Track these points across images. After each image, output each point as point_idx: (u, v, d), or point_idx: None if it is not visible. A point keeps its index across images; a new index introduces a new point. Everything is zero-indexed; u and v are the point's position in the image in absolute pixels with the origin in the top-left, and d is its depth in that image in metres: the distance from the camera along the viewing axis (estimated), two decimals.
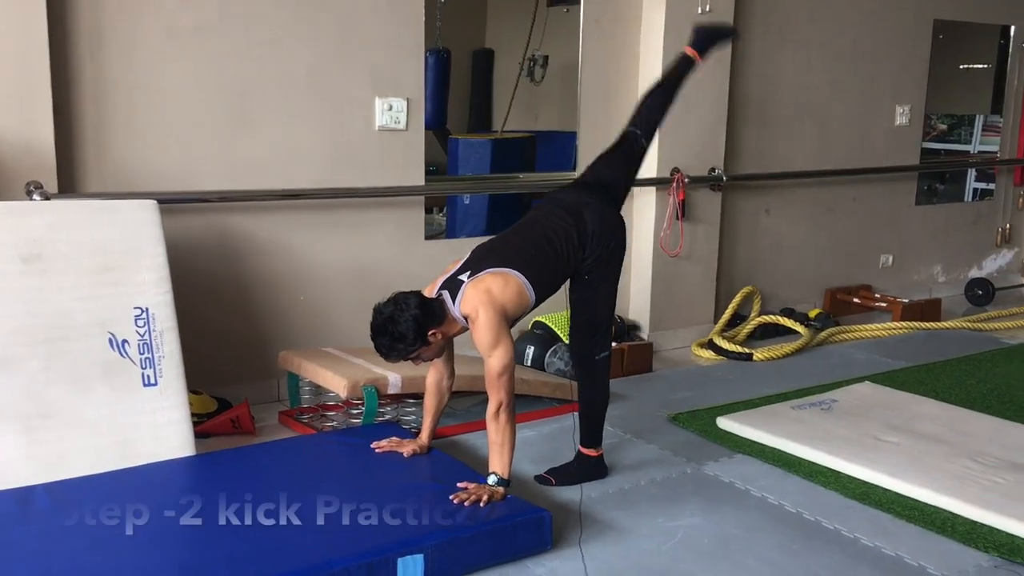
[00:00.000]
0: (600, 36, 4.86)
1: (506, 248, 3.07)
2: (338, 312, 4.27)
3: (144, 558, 2.48)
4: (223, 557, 2.49)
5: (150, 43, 3.72)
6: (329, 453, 3.35)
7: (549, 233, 3.07)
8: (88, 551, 2.51)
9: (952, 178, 6.98)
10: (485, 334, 2.86)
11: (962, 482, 3.25)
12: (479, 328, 2.87)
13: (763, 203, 5.63)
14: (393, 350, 2.88)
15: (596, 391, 3.29)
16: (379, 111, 4.22)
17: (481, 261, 3.01)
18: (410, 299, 2.87)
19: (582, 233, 3.08)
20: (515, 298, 2.94)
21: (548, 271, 3.05)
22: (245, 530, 2.61)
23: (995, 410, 4.13)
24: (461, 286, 2.94)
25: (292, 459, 3.26)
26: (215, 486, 2.90)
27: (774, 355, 4.96)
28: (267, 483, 2.92)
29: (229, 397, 3.93)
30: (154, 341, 3.24)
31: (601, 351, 3.23)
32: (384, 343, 2.87)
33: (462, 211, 5.11)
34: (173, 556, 2.54)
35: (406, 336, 2.84)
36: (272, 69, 3.96)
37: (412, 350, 2.88)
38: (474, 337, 2.90)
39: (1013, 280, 7.04)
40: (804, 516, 3.10)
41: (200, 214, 3.90)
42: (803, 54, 5.62)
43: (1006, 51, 6.77)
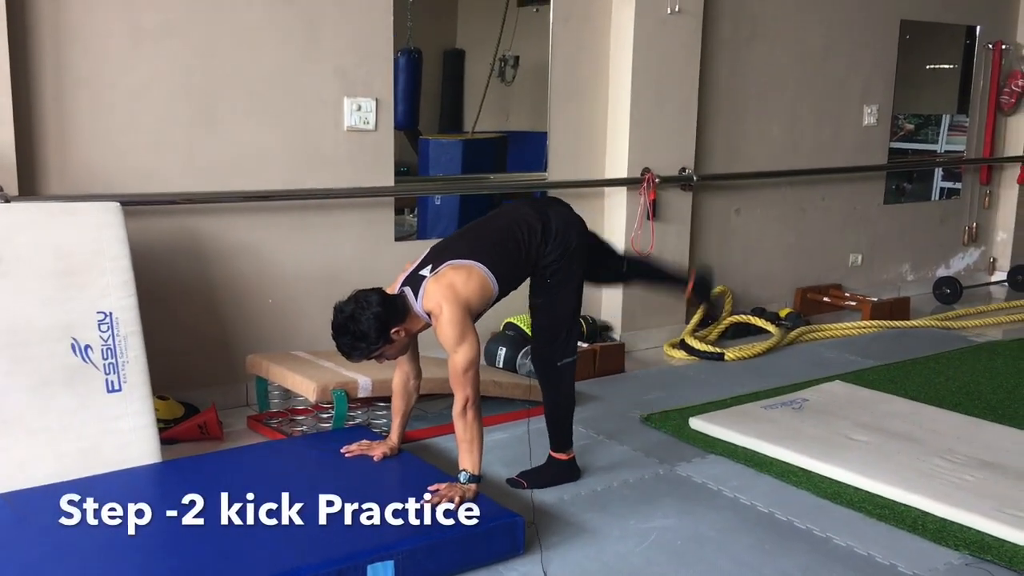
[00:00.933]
0: (569, 36, 4.84)
1: (466, 241, 3.04)
2: (307, 315, 4.22)
3: (105, 567, 2.44)
4: (188, 564, 2.44)
5: (114, 42, 3.65)
6: (298, 458, 3.30)
7: (511, 224, 3.05)
8: (48, 561, 2.46)
9: (919, 177, 7.04)
10: (449, 330, 2.82)
11: (932, 480, 3.27)
12: (443, 324, 2.83)
13: (733, 203, 5.65)
14: (355, 349, 2.83)
15: (559, 397, 3.27)
16: (348, 111, 4.18)
17: (442, 254, 2.98)
18: (371, 296, 2.83)
19: (546, 227, 3.06)
20: (478, 291, 2.91)
21: (511, 262, 3.02)
22: (212, 535, 2.57)
23: (964, 408, 4.16)
24: (423, 282, 2.90)
25: (260, 465, 3.21)
26: (181, 493, 2.84)
27: (746, 354, 4.97)
28: (235, 489, 2.86)
29: (196, 402, 3.87)
30: (118, 346, 3.18)
31: (563, 357, 3.20)
32: (346, 342, 2.82)
33: (433, 212, 5.08)
34: (136, 564, 2.49)
35: (368, 335, 2.79)
36: (239, 69, 3.91)
37: (375, 349, 2.84)
38: (438, 333, 2.86)
39: (980, 279, 7.12)
40: (776, 516, 3.10)
41: (166, 216, 3.84)
42: (772, 54, 5.64)
43: (972, 51, 6.85)
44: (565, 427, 3.30)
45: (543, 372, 3.23)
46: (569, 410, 3.30)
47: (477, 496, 2.79)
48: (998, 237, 7.22)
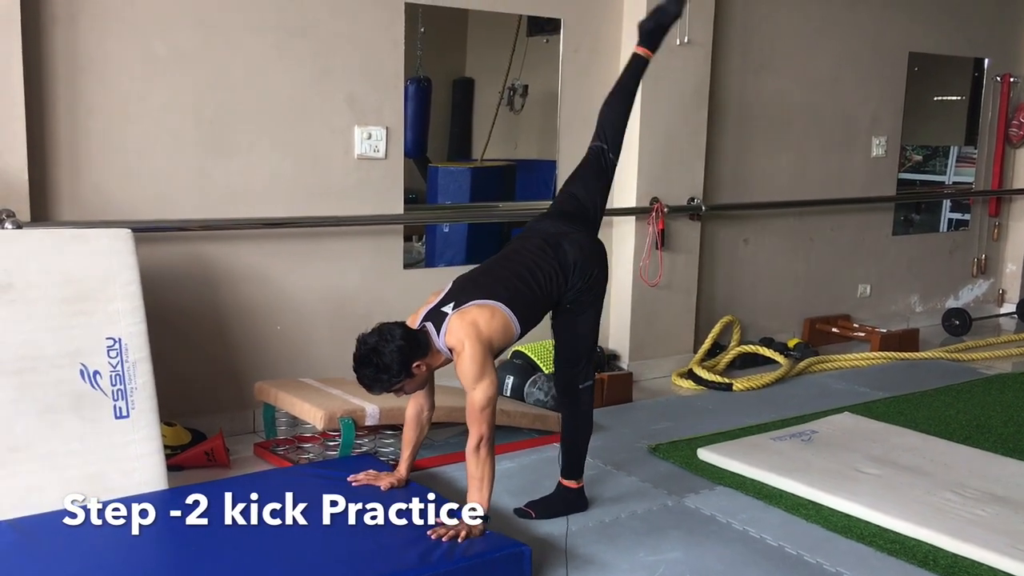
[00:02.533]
0: (579, 66, 4.88)
1: (490, 280, 3.03)
2: (315, 342, 4.22)
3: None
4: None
5: (127, 69, 3.68)
6: (304, 486, 3.28)
7: (532, 266, 3.05)
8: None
9: (927, 208, 7.04)
10: (470, 367, 2.82)
11: (943, 515, 3.24)
12: (464, 361, 2.83)
13: (742, 233, 5.65)
14: (377, 381, 2.83)
15: (579, 419, 3.26)
16: (358, 139, 4.20)
17: (465, 292, 2.97)
18: (395, 330, 2.83)
19: (564, 265, 3.07)
20: (500, 331, 2.92)
21: (532, 304, 3.03)
22: (215, 566, 2.55)
23: (974, 441, 4.13)
24: (445, 318, 2.90)
25: (269, 493, 3.18)
26: (187, 521, 2.83)
27: (754, 385, 4.95)
28: (243, 517, 2.85)
29: (203, 429, 3.86)
30: (127, 372, 3.18)
31: (584, 380, 3.21)
32: (368, 374, 2.82)
33: (441, 240, 5.08)
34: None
35: (390, 367, 2.79)
36: (251, 96, 3.94)
37: (396, 382, 2.84)
38: (458, 370, 2.87)
39: (990, 310, 7.09)
40: (786, 550, 3.07)
41: (176, 243, 3.85)
42: (781, 85, 5.66)
43: (979, 83, 6.87)
44: (581, 453, 3.29)
45: (566, 394, 3.23)
46: (587, 435, 3.29)
47: (483, 535, 2.77)
48: (1007, 269, 7.20)
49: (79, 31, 3.57)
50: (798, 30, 5.67)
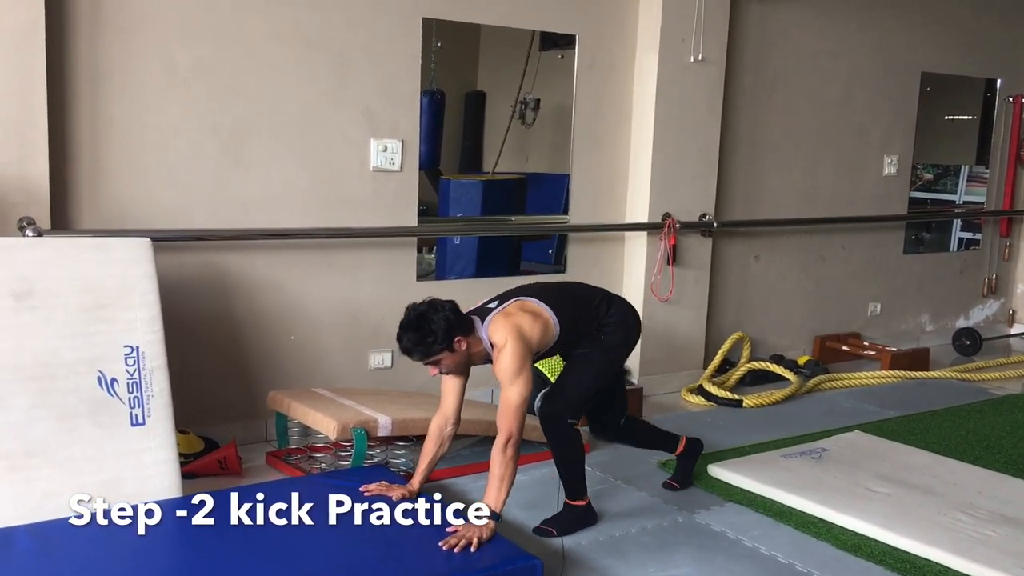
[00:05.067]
0: (593, 82, 4.91)
1: (537, 289, 3.21)
2: (328, 352, 4.25)
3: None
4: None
5: (148, 80, 3.73)
6: (315, 497, 3.30)
7: (582, 288, 3.37)
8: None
9: (938, 228, 7.05)
10: (510, 363, 2.91)
11: (953, 535, 3.24)
12: (504, 356, 2.91)
13: (753, 249, 5.66)
14: (420, 345, 2.88)
15: (569, 451, 3.27)
16: (374, 152, 4.24)
17: (511, 293, 3.16)
18: (445, 303, 2.95)
19: (610, 298, 3.35)
20: (541, 332, 3.03)
21: (576, 313, 3.19)
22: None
23: (984, 461, 4.13)
24: (490, 313, 3.03)
25: (276, 501, 3.19)
26: (201, 529, 2.85)
27: (764, 402, 4.96)
28: (252, 527, 2.87)
29: (216, 437, 3.89)
30: (143, 380, 3.20)
31: (573, 417, 3.24)
32: (412, 338, 2.89)
33: (452, 252, 5.11)
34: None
35: (436, 333, 2.87)
36: (268, 108, 3.98)
37: (437, 350, 2.90)
38: (497, 365, 2.95)
39: (1000, 330, 7.09)
40: (797, 568, 3.07)
41: (193, 252, 3.89)
42: (793, 103, 5.69)
43: (991, 103, 6.88)
44: (577, 477, 3.30)
45: (553, 427, 3.23)
46: (580, 462, 3.30)
47: (494, 536, 2.80)
48: (1018, 289, 7.20)
49: (101, 42, 3.62)
50: (811, 48, 5.70)
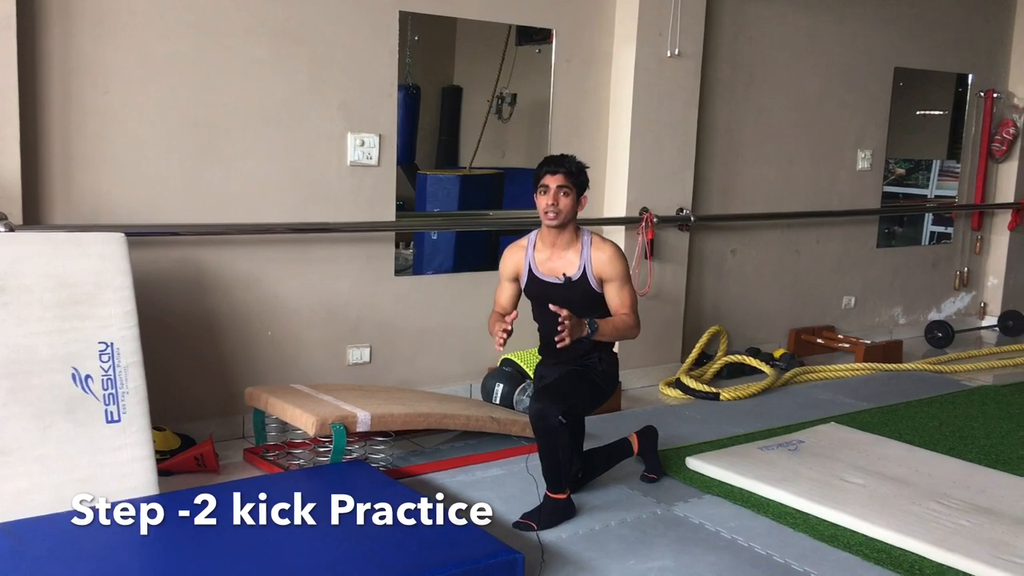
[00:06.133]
0: (571, 76, 4.91)
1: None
2: (306, 348, 4.22)
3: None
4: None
5: (122, 73, 3.68)
6: (293, 495, 3.28)
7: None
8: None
9: (910, 221, 7.12)
10: (624, 265, 3.39)
11: (928, 525, 3.28)
12: (619, 260, 3.36)
13: (729, 243, 5.70)
14: (577, 165, 3.32)
15: (558, 448, 3.26)
16: (351, 146, 4.22)
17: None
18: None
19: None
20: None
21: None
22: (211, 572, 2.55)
23: (958, 452, 4.18)
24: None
25: (257, 500, 3.18)
26: (178, 528, 2.83)
27: (741, 395, 4.99)
28: (232, 525, 2.86)
29: (193, 434, 3.86)
30: (118, 376, 3.17)
31: (564, 416, 3.24)
32: (570, 158, 3.34)
33: (430, 247, 5.10)
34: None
35: (585, 171, 3.36)
36: (246, 102, 3.94)
37: (582, 178, 3.33)
38: (612, 266, 3.32)
39: (971, 323, 7.18)
40: (774, 559, 3.10)
41: (168, 247, 3.85)
42: (769, 98, 5.72)
43: (963, 98, 6.96)
44: (560, 471, 3.30)
45: (544, 421, 3.22)
46: (564, 456, 3.29)
47: (590, 335, 3.19)
48: (989, 282, 7.29)
49: (74, 34, 3.57)
50: (787, 44, 5.74)
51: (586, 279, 3.34)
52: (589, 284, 3.35)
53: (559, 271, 3.36)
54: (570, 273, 3.35)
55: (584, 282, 3.34)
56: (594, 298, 3.36)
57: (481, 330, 4.64)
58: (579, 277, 3.34)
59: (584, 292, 3.35)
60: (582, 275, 3.34)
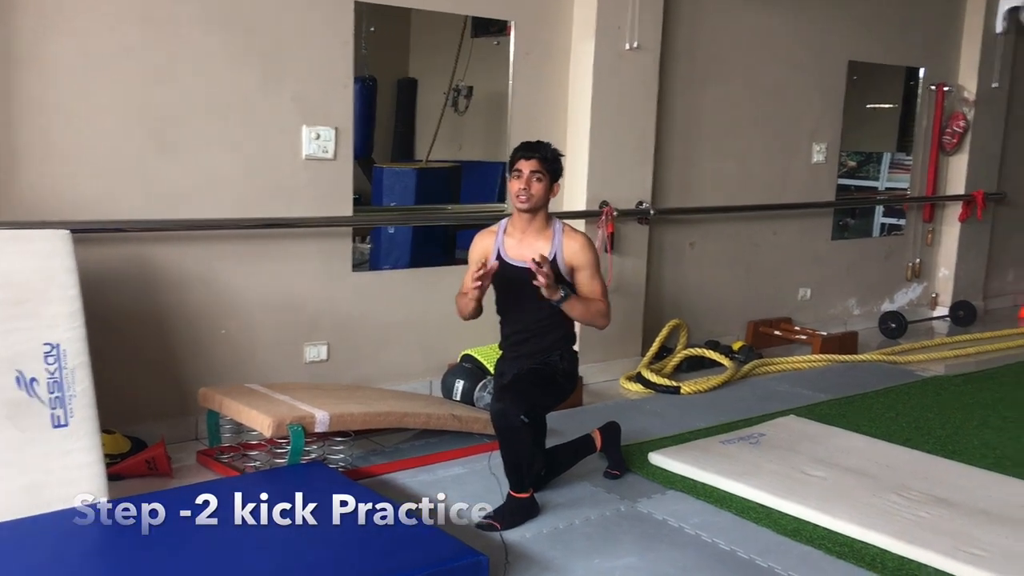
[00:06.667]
0: (530, 69, 4.86)
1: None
2: (262, 346, 4.13)
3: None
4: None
5: (68, 65, 3.55)
6: (253, 497, 3.20)
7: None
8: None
9: (861, 214, 7.21)
10: (595, 255, 3.40)
11: (889, 517, 3.30)
12: (591, 249, 3.37)
13: (688, 236, 5.70)
14: (551, 152, 3.33)
15: (520, 448, 3.22)
16: (306, 140, 4.12)
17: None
18: None
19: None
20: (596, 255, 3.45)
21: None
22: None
23: (914, 443, 4.22)
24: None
25: (207, 504, 3.09)
26: (130, 534, 2.74)
27: (701, 388, 4.99)
28: (186, 532, 2.78)
29: (144, 436, 3.75)
30: (65, 379, 3.06)
31: (524, 415, 3.18)
32: (545, 144, 3.34)
33: (387, 241, 5.02)
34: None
35: (560, 159, 3.37)
36: (196, 96, 3.83)
37: (555, 165, 3.34)
38: (581, 255, 3.32)
39: (923, 313, 7.28)
40: (738, 554, 3.09)
41: (117, 244, 3.73)
42: (727, 91, 5.73)
43: (912, 92, 7.04)
44: (523, 470, 3.26)
45: (505, 420, 3.17)
46: (527, 455, 3.25)
47: (563, 299, 3.23)
48: (940, 273, 7.40)
49: (16, 25, 3.43)
50: (744, 38, 5.74)
51: (556, 267, 3.30)
52: (559, 271, 3.31)
53: (528, 257, 3.29)
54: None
55: (555, 269, 3.30)
56: (564, 285, 3.32)
57: (440, 326, 4.60)
58: (549, 263, 3.29)
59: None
60: (552, 261, 3.30)
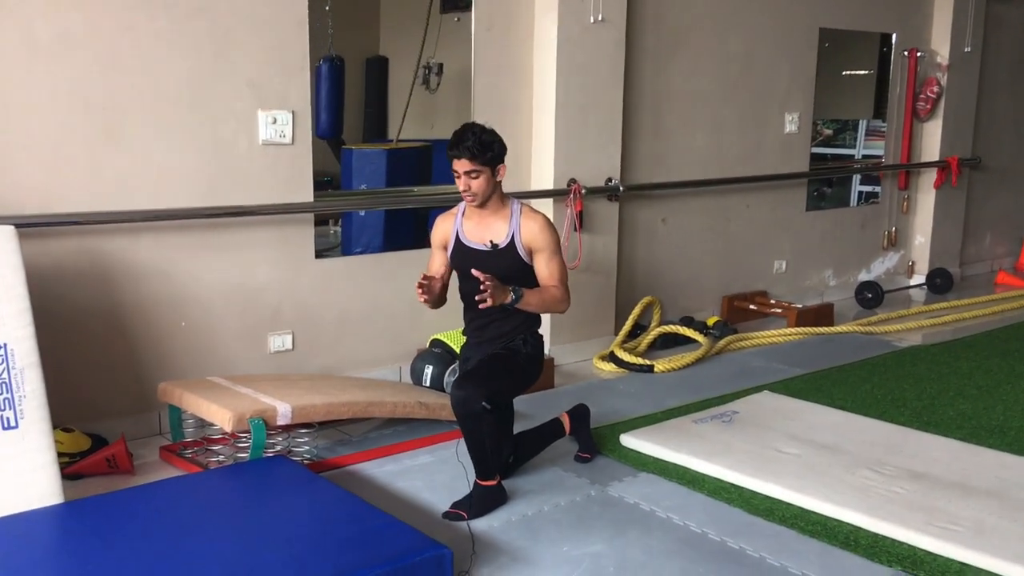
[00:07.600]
0: (492, 44, 4.75)
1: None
2: (222, 338, 4.04)
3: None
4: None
5: (5, 54, 3.42)
6: (214, 494, 3.13)
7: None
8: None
9: (838, 183, 7.15)
10: (554, 236, 3.27)
11: (863, 494, 3.26)
12: (550, 230, 3.25)
13: (660, 212, 5.62)
14: (480, 144, 3.11)
15: (483, 435, 3.15)
16: (262, 125, 4.01)
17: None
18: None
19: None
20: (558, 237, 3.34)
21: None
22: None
23: (890, 416, 4.18)
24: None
25: (173, 503, 3.02)
26: (84, 539, 2.66)
27: (675, 366, 4.94)
28: (144, 532, 2.70)
29: (104, 433, 3.66)
30: (13, 380, 2.96)
31: (486, 401, 3.12)
32: (476, 132, 3.13)
33: (358, 224, 4.93)
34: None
35: (492, 145, 3.15)
36: (145, 82, 3.71)
37: (487, 157, 3.13)
38: (540, 237, 3.22)
39: (900, 282, 7.25)
40: (709, 536, 3.04)
41: (67, 238, 3.62)
42: (695, 63, 5.63)
43: (887, 58, 6.97)
44: (488, 457, 3.19)
45: (465, 407, 3.09)
46: (492, 442, 3.19)
47: (514, 301, 3.12)
48: (916, 241, 7.37)
49: None
50: (711, 8, 5.64)
51: (514, 247, 3.24)
52: (517, 253, 3.24)
53: (486, 239, 3.26)
54: (498, 240, 3.24)
55: (512, 250, 3.23)
56: (522, 268, 3.26)
57: (409, 311, 4.52)
58: (506, 245, 3.23)
59: (512, 261, 3.24)
60: (510, 243, 3.23)
